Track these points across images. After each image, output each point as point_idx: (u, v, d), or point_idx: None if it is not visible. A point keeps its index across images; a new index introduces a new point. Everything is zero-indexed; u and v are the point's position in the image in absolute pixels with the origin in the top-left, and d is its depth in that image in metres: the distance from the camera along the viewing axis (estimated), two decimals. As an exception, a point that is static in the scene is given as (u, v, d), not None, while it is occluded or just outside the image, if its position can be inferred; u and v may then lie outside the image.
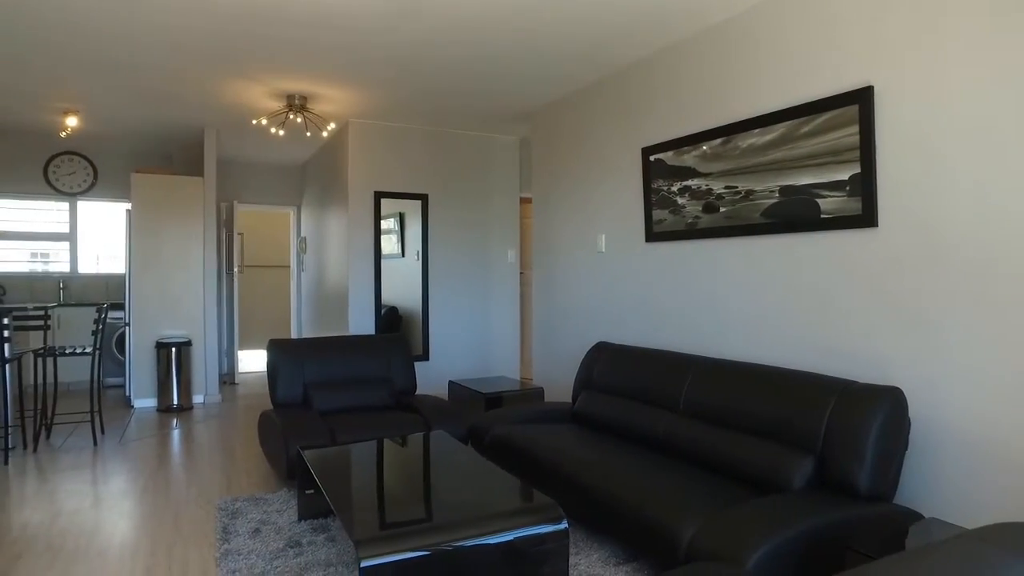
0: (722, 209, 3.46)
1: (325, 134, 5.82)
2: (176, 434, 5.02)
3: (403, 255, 6.03)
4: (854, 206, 2.79)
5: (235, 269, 7.08)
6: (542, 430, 3.52)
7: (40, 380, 5.25)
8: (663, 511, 2.44)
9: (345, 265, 5.89)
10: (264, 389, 6.85)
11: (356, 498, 2.50)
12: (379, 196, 5.82)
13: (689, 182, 3.68)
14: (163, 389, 5.82)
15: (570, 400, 4.49)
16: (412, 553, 2.09)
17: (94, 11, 3.38)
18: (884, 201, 2.71)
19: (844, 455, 2.45)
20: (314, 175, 7.37)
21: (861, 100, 2.74)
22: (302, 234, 7.99)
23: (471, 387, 4.78)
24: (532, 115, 5.42)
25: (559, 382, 4.97)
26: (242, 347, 8.97)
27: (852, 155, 2.79)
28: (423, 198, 6.01)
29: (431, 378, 6.06)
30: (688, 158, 3.69)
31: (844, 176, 2.83)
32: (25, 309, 5.00)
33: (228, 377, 7.28)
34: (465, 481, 2.69)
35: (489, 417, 3.82)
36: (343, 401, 4.01)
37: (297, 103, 5.01)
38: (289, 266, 8.92)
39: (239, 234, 7.44)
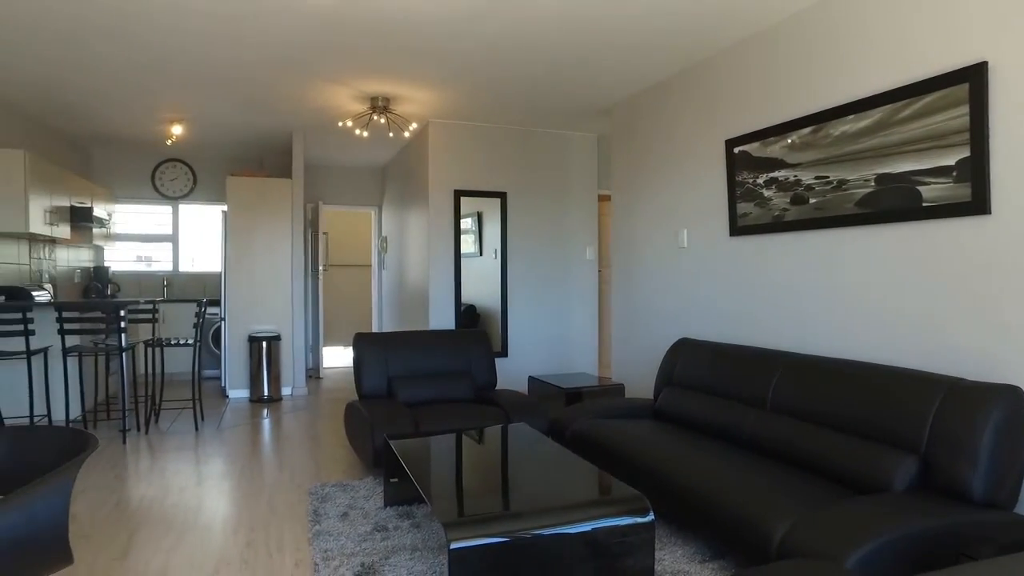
0: (811, 200, 3.33)
1: (407, 134, 5.97)
2: (266, 423, 5.27)
3: (480, 254, 6.11)
4: (962, 192, 2.63)
5: (320, 268, 7.37)
6: (624, 425, 3.49)
7: (148, 369, 5.65)
8: (753, 507, 2.38)
9: (425, 263, 6.03)
10: (346, 383, 7.10)
11: (444, 485, 2.55)
12: (459, 194, 5.93)
13: (776, 173, 3.57)
14: (255, 381, 6.13)
15: (651, 396, 4.42)
16: (499, 538, 2.11)
17: (200, 31, 3.61)
18: (998, 186, 2.53)
19: (953, 457, 2.30)
20: (394, 176, 7.58)
21: (973, 78, 2.58)
22: (383, 233, 8.23)
23: (551, 382, 4.80)
24: (611, 110, 5.39)
25: (639, 378, 4.91)
26: (326, 343, 9.32)
27: (960, 138, 2.63)
28: (502, 196, 6.07)
29: (510, 374, 6.11)
30: (775, 149, 3.57)
31: (950, 161, 2.66)
32: (137, 303, 5.37)
33: (313, 371, 7.58)
34: (549, 471, 2.70)
35: (570, 412, 3.82)
36: (426, 393, 4.11)
37: (380, 105, 5.17)
38: (370, 265, 9.20)
39: (324, 233, 7.74)
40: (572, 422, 3.71)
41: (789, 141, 3.47)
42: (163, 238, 7.75)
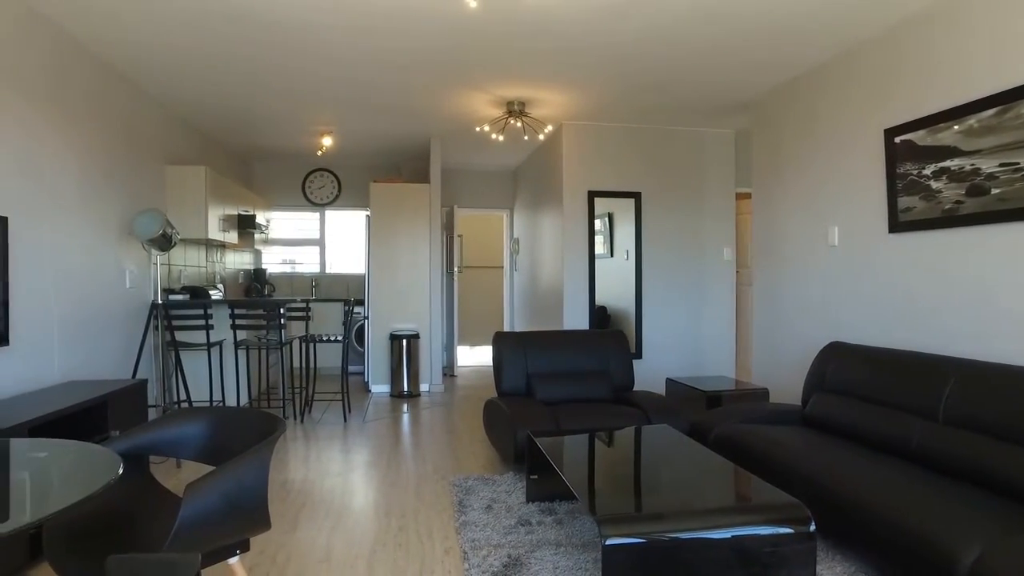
0: (995, 191, 3.01)
1: (541, 137, 6.06)
2: (406, 417, 5.53)
3: (612, 255, 6.07)
4: None
5: (455, 269, 7.63)
6: (772, 431, 3.33)
7: (300, 364, 6.12)
8: (936, 528, 2.18)
9: (559, 265, 6.07)
10: (479, 381, 7.30)
11: (592, 482, 2.56)
12: (592, 195, 5.92)
13: (947, 163, 3.26)
14: (395, 377, 6.45)
15: (796, 402, 4.19)
16: (653, 537, 2.09)
17: (347, 45, 3.86)
18: None
19: None
20: (526, 178, 7.70)
21: None
22: (515, 235, 8.39)
23: (690, 384, 4.68)
24: (751, 105, 5.17)
25: (783, 383, 4.66)
26: (459, 343, 9.63)
27: None
28: (636, 196, 6.00)
29: (644, 376, 6.02)
30: (946, 136, 3.26)
31: None
32: (295, 301, 5.83)
33: (448, 369, 7.86)
34: (699, 474, 2.64)
35: (712, 415, 3.70)
36: (564, 392, 4.14)
37: (516, 108, 5.28)
38: (502, 267, 9.41)
39: (459, 236, 8.01)
40: (715, 425, 3.59)
41: (967, 125, 3.16)
42: (311, 242, 8.37)
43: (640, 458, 2.91)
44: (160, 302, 4.47)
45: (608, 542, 2.04)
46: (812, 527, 2.21)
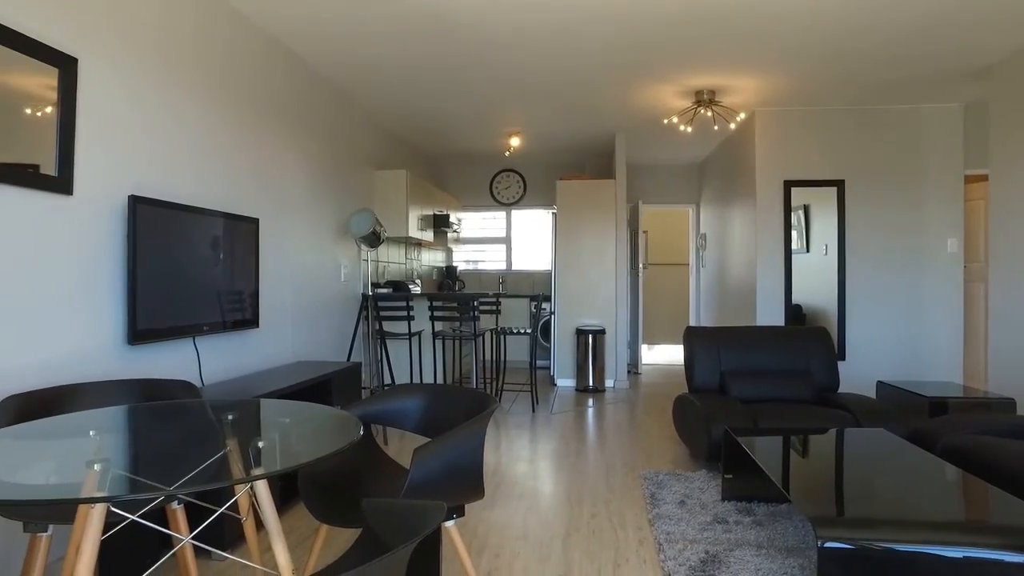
0: None
1: (732, 126, 5.79)
2: (591, 411, 5.57)
3: (807, 250, 5.63)
4: None
5: (640, 266, 7.55)
6: None
7: (491, 355, 6.43)
8: None
9: (751, 260, 5.76)
10: (664, 380, 7.15)
11: (803, 483, 2.40)
12: (789, 185, 5.54)
13: None
14: (581, 371, 6.53)
15: (1050, 418, 3.57)
16: (876, 545, 1.91)
17: (541, 48, 3.98)
18: None
19: None
20: (713, 171, 7.40)
21: None
22: (701, 231, 8.10)
23: (908, 389, 4.19)
24: (989, 71, 4.51)
25: (1029, 395, 4.01)
26: (645, 341, 9.52)
27: None
28: (838, 184, 5.51)
29: (848, 379, 5.52)
30: None
31: None
32: (486, 295, 6.14)
33: (632, 366, 7.80)
34: (928, 484, 2.36)
35: (940, 423, 3.28)
36: (761, 391, 3.92)
37: (706, 98, 5.10)
38: (687, 264, 9.14)
39: (643, 232, 7.92)
40: (943, 435, 3.18)
41: None
42: (498, 240, 8.75)
43: (854, 462, 2.67)
44: (370, 294, 4.94)
45: (826, 544, 1.89)
46: (1083, 554, 1.88)
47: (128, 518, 1.63)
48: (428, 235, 6.74)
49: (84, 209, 2.54)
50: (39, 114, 2.35)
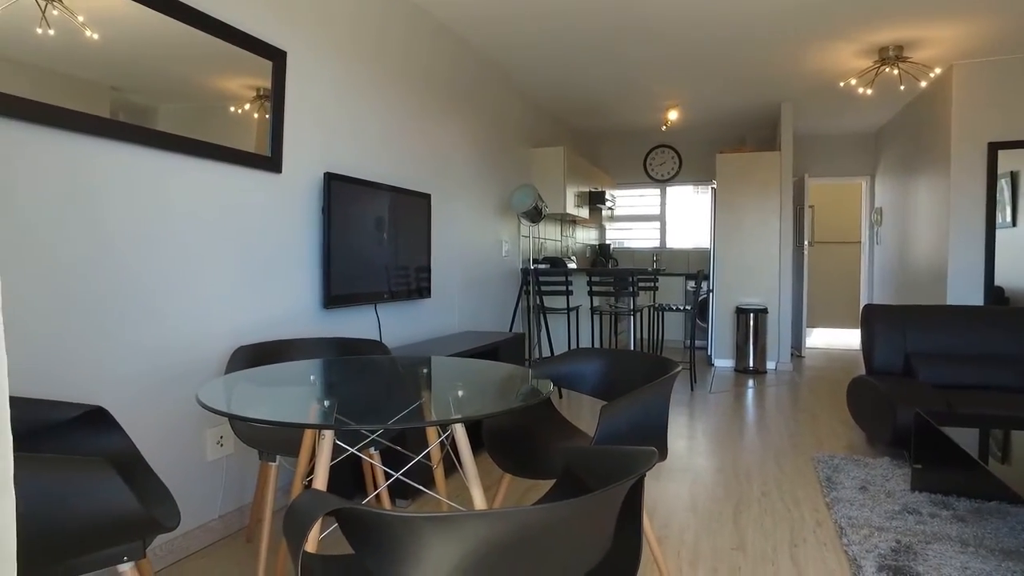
0: None
1: (923, 84, 5.23)
2: (751, 392, 5.35)
3: (1014, 224, 4.96)
4: None
5: (805, 243, 7.09)
6: None
7: (648, 333, 6.36)
8: None
9: (941, 236, 5.21)
10: (830, 364, 6.70)
11: None
12: (994, 148, 4.92)
13: None
14: (740, 352, 6.28)
15: None
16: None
17: (703, 20, 3.82)
18: None
19: None
20: (893, 139, 6.74)
21: None
22: (876, 205, 7.43)
23: None
24: None
25: None
26: (809, 323, 8.95)
27: None
28: (1058, 145, 4.81)
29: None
30: None
31: None
32: (645, 270, 6.08)
33: (795, 349, 7.37)
34: None
35: None
36: (958, 376, 3.56)
37: (892, 55, 4.64)
38: (858, 241, 8.43)
39: (810, 207, 7.41)
40: None
41: None
42: (651, 218, 8.58)
43: (1083, 455, 2.37)
44: (532, 268, 5.07)
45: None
46: None
47: (348, 450, 1.84)
48: (584, 212, 6.77)
49: (290, 185, 2.85)
50: (250, 104, 2.66)
